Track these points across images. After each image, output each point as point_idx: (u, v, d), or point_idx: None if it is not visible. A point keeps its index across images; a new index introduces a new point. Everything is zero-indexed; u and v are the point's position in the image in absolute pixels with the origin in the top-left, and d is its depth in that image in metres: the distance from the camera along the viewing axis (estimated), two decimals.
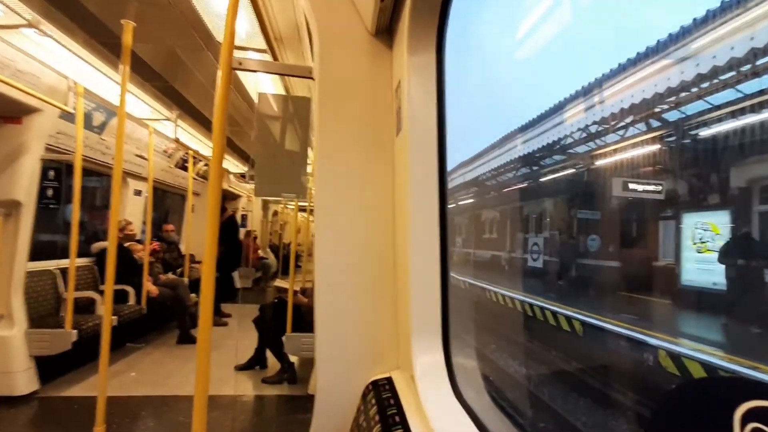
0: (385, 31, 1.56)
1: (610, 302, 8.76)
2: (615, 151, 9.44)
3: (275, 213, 10.09)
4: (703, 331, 6.41)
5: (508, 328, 8.49)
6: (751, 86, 6.50)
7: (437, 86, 1.40)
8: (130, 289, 4.26)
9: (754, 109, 6.59)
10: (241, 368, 3.87)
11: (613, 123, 8.63)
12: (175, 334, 4.75)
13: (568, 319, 6.89)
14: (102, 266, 3.85)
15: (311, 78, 1.57)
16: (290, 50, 2.59)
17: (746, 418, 0.38)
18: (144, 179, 4.79)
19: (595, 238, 11.27)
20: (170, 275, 5.20)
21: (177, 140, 4.77)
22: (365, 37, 1.56)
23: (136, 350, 4.38)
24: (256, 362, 3.91)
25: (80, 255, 4.47)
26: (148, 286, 4.39)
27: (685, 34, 5.99)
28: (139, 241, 4.88)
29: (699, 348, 5.07)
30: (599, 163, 10.10)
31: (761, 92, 6.46)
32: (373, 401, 1.36)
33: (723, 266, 6.92)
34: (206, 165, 6.12)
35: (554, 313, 7.29)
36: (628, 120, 8.46)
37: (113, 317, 3.73)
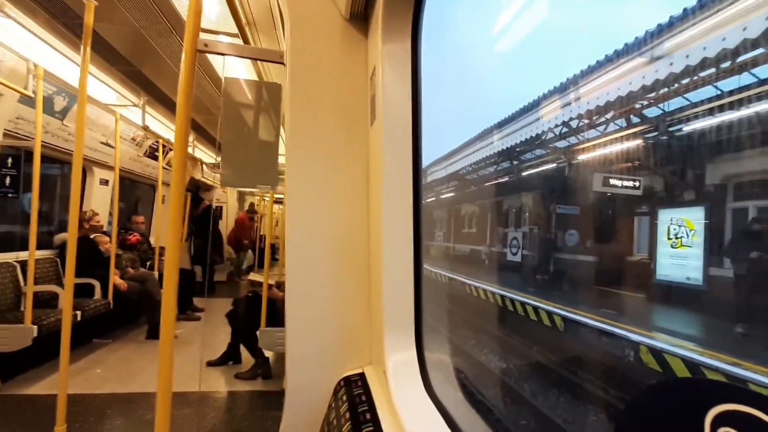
0: (360, 16, 1.50)
1: (588, 297, 8.98)
2: (594, 146, 9.63)
3: (252, 205, 9.91)
4: (679, 326, 6.65)
5: (488, 322, 8.60)
6: (726, 85, 6.72)
7: (412, 75, 1.36)
8: (96, 283, 4.09)
9: (733, 106, 6.82)
10: (213, 364, 3.78)
11: (592, 119, 8.80)
12: (144, 329, 4.61)
13: (548, 313, 7.02)
14: (65, 258, 3.67)
15: (282, 63, 1.50)
16: (264, 35, 2.49)
17: (717, 422, 0.36)
18: (111, 168, 4.59)
19: (573, 233, 11.52)
20: (140, 269, 5.02)
21: (146, 128, 4.57)
22: (339, 22, 1.50)
23: (102, 346, 4.22)
24: (229, 358, 3.82)
25: (43, 247, 4.28)
26: (116, 280, 4.23)
27: (661, 31, 6.12)
28: (106, 233, 4.68)
29: (678, 343, 5.22)
30: (578, 158, 10.30)
31: (732, 92, 6.69)
32: (345, 398, 1.33)
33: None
34: None
35: (534, 308, 7.41)
36: (608, 116, 8.64)
37: (77, 312, 3.60)
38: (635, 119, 8.49)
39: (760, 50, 5.64)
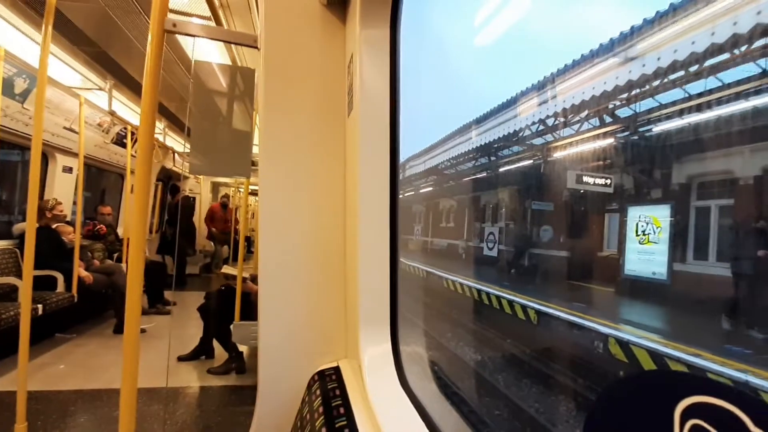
0: (338, 2, 1.46)
1: (561, 291, 9.25)
2: (568, 144, 9.86)
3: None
4: (644, 318, 6.93)
5: (464, 316, 8.73)
6: (694, 87, 6.99)
7: (391, 64, 1.33)
8: (59, 275, 3.90)
9: (699, 108, 7.10)
10: (184, 359, 3.68)
11: (567, 117, 8.99)
12: (112, 323, 4.44)
13: (523, 307, 7.18)
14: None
15: (256, 47, 1.44)
16: (239, 19, 2.40)
17: (686, 414, 0.36)
18: (75, 155, 4.37)
19: (547, 228, 11.81)
20: (107, 260, 4.82)
21: (112, 113, 4.36)
22: (316, 6, 1.46)
23: (66, 341, 4.04)
24: (201, 352, 3.73)
25: (2, 237, 4.05)
26: (81, 272, 4.04)
27: (634, 34, 6.29)
28: (69, 223, 4.47)
29: (643, 335, 5.43)
30: (554, 155, 10.53)
31: (700, 94, 6.97)
32: (318, 392, 1.31)
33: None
34: None
35: (509, 302, 7.57)
36: (582, 115, 8.85)
37: (37, 305, 3.43)
38: (608, 119, 8.74)
39: (726, 55, 5.89)
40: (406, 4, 1.30)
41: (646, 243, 8.29)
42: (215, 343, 3.73)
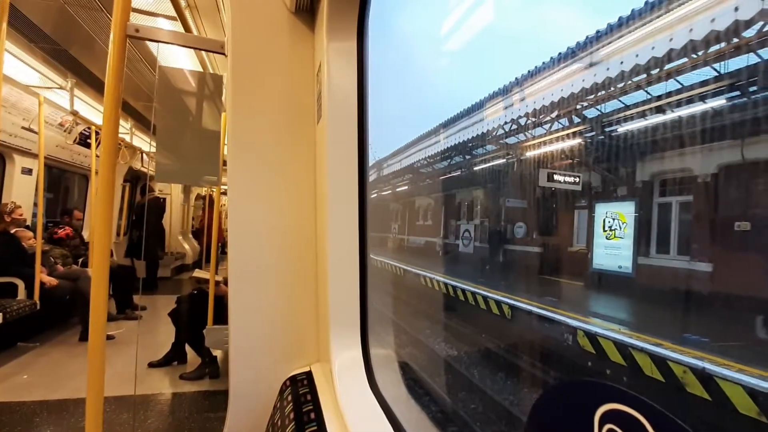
0: (307, 10, 1.46)
1: (533, 286, 9.52)
2: (540, 144, 10.12)
3: (198, 197, 9.43)
4: (610, 311, 7.23)
5: (441, 312, 8.86)
6: (655, 90, 7.32)
7: (359, 74, 1.35)
8: (20, 282, 3.73)
9: (663, 110, 7.44)
10: (156, 365, 3.59)
11: (538, 117, 9.23)
12: (77, 330, 4.27)
13: (497, 303, 7.35)
14: None
15: (223, 54, 1.43)
16: (208, 21, 2.35)
17: (603, 420, 0.40)
18: (35, 156, 4.18)
19: (521, 225, 12.11)
20: (72, 265, 4.64)
21: (74, 113, 4.19)
22: (284, 13, 1.46)
23: (29, 350, 3.87)
24: (173, 358, 3.65)
25: None
26: (43, 278, 3.87)
27: (600, 38, 6.52)
28: (29, 227, 4.27)
29: (609, 327, 5.66)
30: (526, 154, 10.78)
31: (660, 97, 7.30)
32: (290, 397, 1.32)
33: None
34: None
35: (484, 298, 7.73)
36: (553, 115, 9.10)
37: None
38: (576, 119, 9.04)
39: (684, 59, 6.19)
40: (380, 12, 1.32)
41: (612, 238, 8.64)
42: (188, 348, 3.66)
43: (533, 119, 9.38)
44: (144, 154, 6.41)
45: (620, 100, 8.15)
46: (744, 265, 6.57)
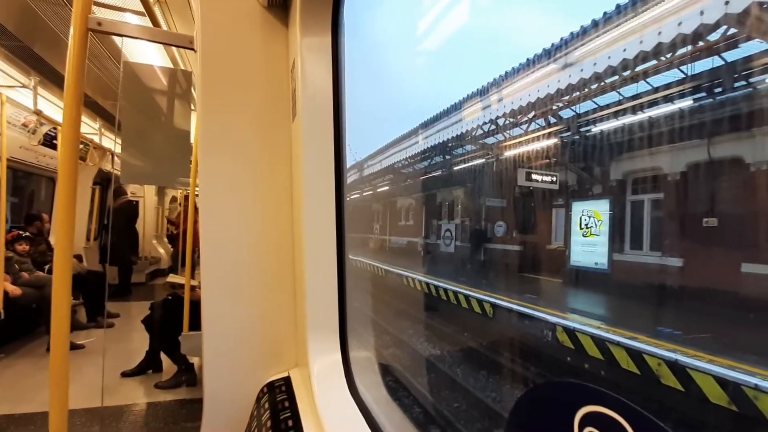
0: (279, 5, 1.42)
1: (514, 283, 9.67)
2: (518, 144, 10.29)
3: (173, 199, 9.15)
4: (588, 306, 7.40)
5: (424, 312, 8.89)
6: (627, 91, 7.55)
7: (334, 70, 1.32)
8: None
9: (634, 110, 7.67)
10: (129, 374, 3.47)
11: (516, 117, 9.39)
12: (44, 340, 4.08)
13: (479, 301, 7.43)
14: None
15: (192, 49, 1.38)
16: (178, 17, 2.26)
17: (584, 422, 0.39)
18: None
19: (501, 224, 12.29)
20: (37, 272, 4.42)
21: (38, 112, 4.00)
22: (256, 8, 1.41)
23: None
24: (148, 366, 3.53)
25: None
26: (6, 286, 3.68)
27: (573, 40, 6.67)
28: None
29: (586, 322, 5.79)
30: (505, 154, 10.95)
31: (634, 97, 7.54)
32: (267, 405, 1.28)
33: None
34: (84, 144, 5.27)
35: (466, 297, 7.80)
36: (530, 116, 9.28)
37: None
38: (553, 119, 9.23)
39: (654, 61, 6.40)
40: (359, 10, 1.30)
41: (588, 236, 8.86)
42: (164, 356, 3.54)
43: (511, 119, 9.53)
44: (114, 156, 6.18)
45: (594, 101, 8.38)
46: (712, 260, 6.84)
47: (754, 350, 4.46)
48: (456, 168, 13.78)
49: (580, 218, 9.06)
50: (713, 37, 5.74)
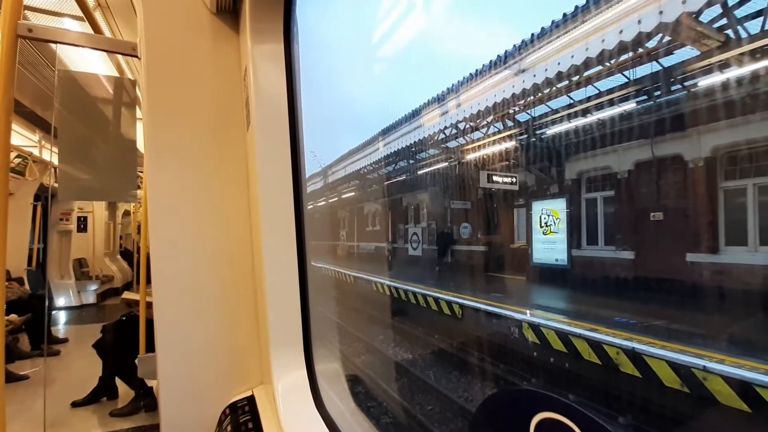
0: (229, 11, 1.38)
1: (481, 283, 9.87)
2: (479, 147, 10.56)
3: (126, 213, 8.66)
4: (550, 301, 7.67)
5: (394, 317, 8.88)
6: (577, 95, 7.96)
7: (288, 77, 1.29)
8: None
9: (584, 113, 8.08)
10: (80, 403, 3.22)
11: (476, 121, 9.64)
12: None
13: (448, 303, 7.52)
14: None
15: (135, 56, 1.31)
16: (123, 22, 2.14)
17: (538, 428, 0.39)
18: None
19: (466, 225, 12.54)
20: None
21: None
22: (204, 14, 1.36)
23: None
24: (101, 393, 3.29)
25: None
26: None
27: (525, 47, 6.97)
28: None
29: (550, 317, 5.99)
30: (467, 157, 11.21)
31: (582, 101, 7.95)
32: (229, 428, 1.22)
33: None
34: (22, 158, 4.89)
35: (435, 299, 7.87)
36: (489, 119, 9.56)
37: None
38: (510, 123, 9.57)
39: (599, 67, 6.79)
40: (317, 18, 1.28)
41: (548, 233, 9.22)
42: (119, 382, 3.32)
43: (471, 123, 9.78)
44: (56, 170, 5.77)
45: (547, 105, 8.78)
46: (659, 251, 7.30)
47: (702, 334, 4.78)
48: (420, 172, 13.95)
49: (540, 217, 9.41)
50: (651, 44, 6.18)
